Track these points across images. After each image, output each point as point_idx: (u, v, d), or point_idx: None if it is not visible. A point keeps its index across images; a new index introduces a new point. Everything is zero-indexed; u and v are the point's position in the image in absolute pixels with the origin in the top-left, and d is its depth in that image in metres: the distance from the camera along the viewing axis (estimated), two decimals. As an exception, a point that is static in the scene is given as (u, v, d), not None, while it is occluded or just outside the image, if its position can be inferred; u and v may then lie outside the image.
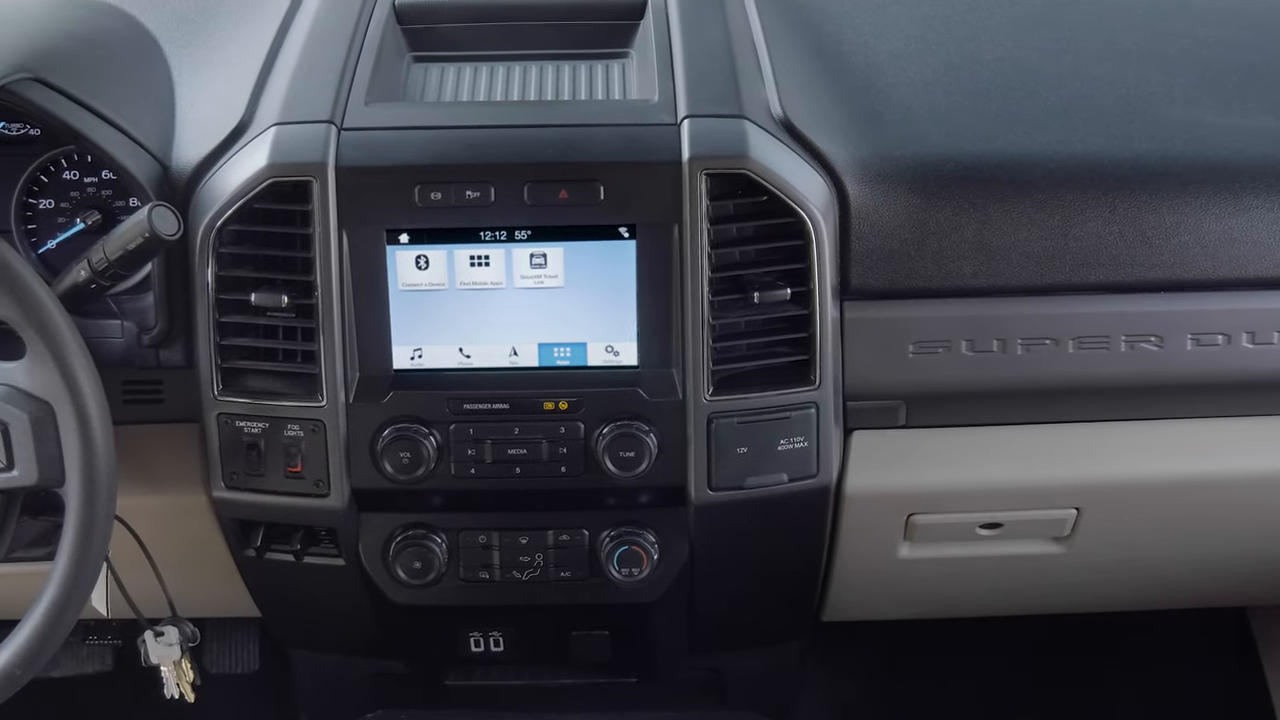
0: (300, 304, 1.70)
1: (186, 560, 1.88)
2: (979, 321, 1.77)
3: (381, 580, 1.85)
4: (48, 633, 1.55)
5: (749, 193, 1.70)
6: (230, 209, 1.68)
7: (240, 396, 1.73)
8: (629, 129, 1.73)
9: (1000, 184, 1.75)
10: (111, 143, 1.71)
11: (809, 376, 1.74)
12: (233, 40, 1.94)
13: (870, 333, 1.77)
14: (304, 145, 1.70)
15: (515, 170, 1.69)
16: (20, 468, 1.51)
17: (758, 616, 2.08)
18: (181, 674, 1.89)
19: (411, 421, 1.73)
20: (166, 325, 1.76)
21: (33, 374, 1.50)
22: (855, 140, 1.77)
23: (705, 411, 1.72)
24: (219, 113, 1.80)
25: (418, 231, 1.70)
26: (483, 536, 1.83)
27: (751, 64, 1.86)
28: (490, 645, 2.03)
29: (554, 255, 1.71)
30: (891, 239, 1.75)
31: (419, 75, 1.91)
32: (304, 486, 1.76)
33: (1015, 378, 1.79)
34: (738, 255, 1.72)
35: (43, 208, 1.85)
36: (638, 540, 1.80)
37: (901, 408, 1.82)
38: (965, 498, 1.87)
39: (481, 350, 1.75)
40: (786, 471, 1.76)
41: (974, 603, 2.17)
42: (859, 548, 1.92)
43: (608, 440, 1.72)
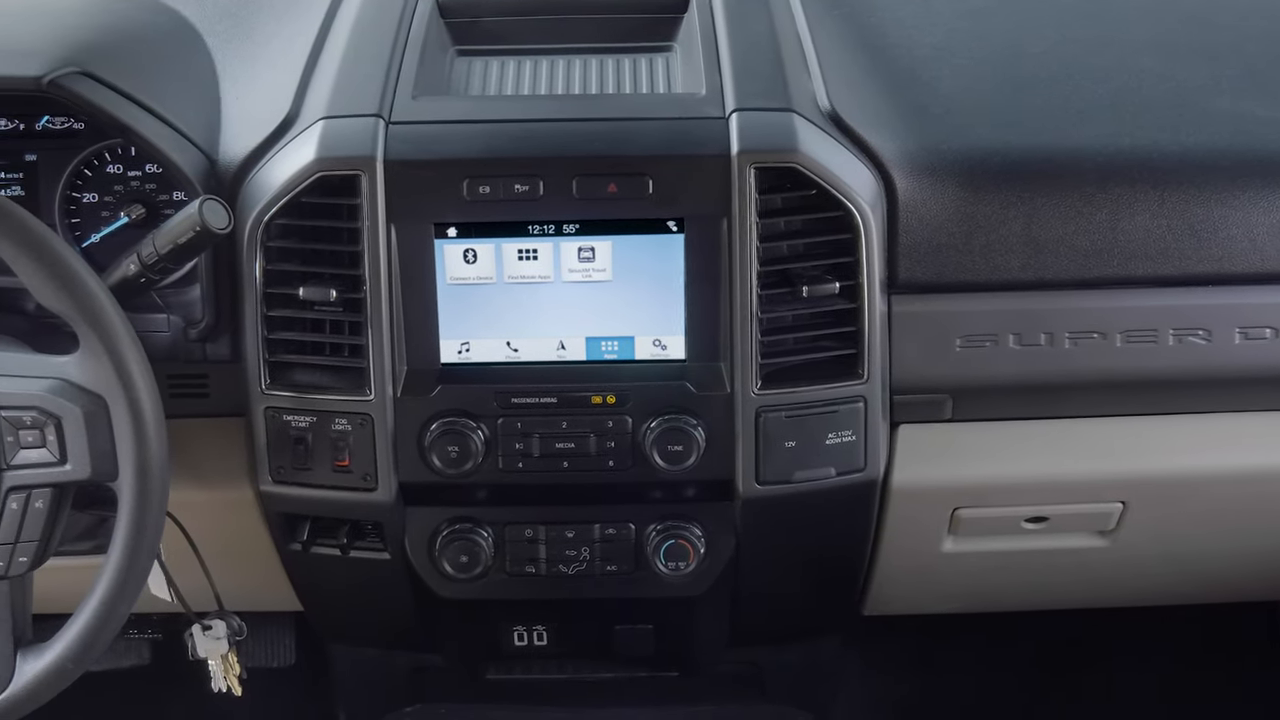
0: (348, 298, 1.70)
1: (229, 554, 1.88)
2: (1026, 315, 1.77)
3: (427, 574, 1.84)
4: (99, 627, 1.55)
5: (797, 186, 1.70)
6: (278, 203, 1.68)
7: (287, 390, 1.73)
8: (677, 122, 1.73)
9: (1048, 177, 1.75)
10: (159, 136, 1.71)
11: (857, 370, 1.74)
12: (276, 34, 1.94)
13: (917, 326, 1.77)
14: (352, 139, 1.70)
15: (564, 164, 1.68)
16: (73, 462, 1.51)
17: (800, 610, 2.08)
18: (229, 667, 1.89)
19: (459, 415, 1.73)
20: (214, 319, 1.76)
21: (85, 368, 1.50)
22: (902, 133, 1.77)
23: (753, 405, 1.72)
24: (265, 106, 1.80)
25: (465, 225, 1.70)
26: (529, 530, 1.82)
27: (797, 57, 1.86)
28: (533, 639, 2.03)
29: (602, 249, 1.71)
30: (939, 232, 1.75)
31: (463, 69, 1.91)
32: (351, 480, 1.76)
33: (1062, 371, 1.78)
34: (785, 249, 1.72)
35: (86, 202, 1.85)
36: (684, 534, 1.80)
37: (948, 401, 1.82)
38: (1011, 491, 1.87)
39: (529, 344, 1.74)
40: (834, 465, 1.76)
41: (1015, 597, 2.17)
42: (903, 542, 1.92)
43: (656, 434, 1.71)
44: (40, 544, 1.55)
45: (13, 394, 1.50)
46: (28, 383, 1.51)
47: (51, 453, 1.50)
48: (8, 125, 1.84)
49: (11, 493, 1.52)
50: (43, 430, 1.50)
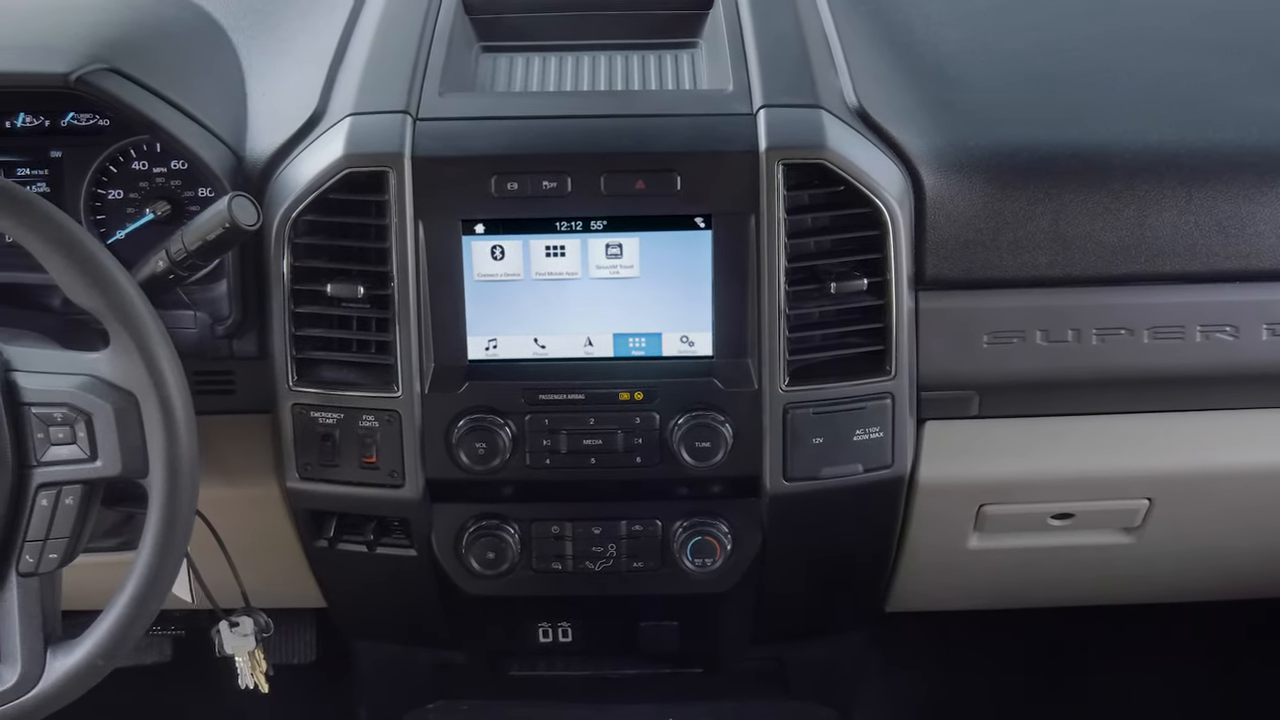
0: (376, 294, 1.70)
1: (252, 550, 1.88)
2: (1054, 311, 1.77)
3: (454, 571, 1.84)
4: (130, 624, 1.55)
5: (825, 183, 1.69)
6: (306, 199, 1.68)
7: (314, 387, 1.74)
8: (705, 119, 1.73)
9: (1075, 173, 1.75)
10: (186, 133, 1.71)
11: (884, 367, 1.73)
12: (301, 29, 1.94)
13: (945, 323, 1.77)
14: (380, 136, 1.70)
15: (592, 160, 1.68)
16: (103, 459, 1.50)
17: (824, 607, 2.08)
18: (255, 664, 1.89)
19: (486, 412, 1.72)
20: (240, 315, 1.76)
21: (116, 364, 1.49)
22: (929, 130, 1.77)
23: (781, 402, 1.72)
24: (292, 103, 1.80)
25: (493, 222, 1.70)
26: (555, 527, 1.82)
27: (824, 53, 1.86)
28: (558, 636, 2.03)
29: (629, 245, 1.71)
30: (967, 229, 1.75)
31: (488, 65, 1.91)
32: (378, 477, 1.76)
33: (1090, 368, 1.78)
34: (813, 245, 1.72)
35: (112, 198, 1.85)
36: (711, 530, 1.80)
37: (975, 398, 1.82)
38: (1038, 488, 1.87)
39: (556, 341, 1.74)
40: (861, 462, 1.76)
41: (1038, 594, 2.17)
42: (929, 538, 1.92)
43: (683, 430, 1.71)
44: (70, 541, 1.55)
45: (43, 391, 1.50)
46: (58, 379, 1.50)
47: (82, 449, 1.50)
48: (33, 122, 1.83)
49: (41, 490, 1.52)
50: (73, 427, 1.50)
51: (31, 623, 1.56)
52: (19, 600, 1.55)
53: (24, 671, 1.55)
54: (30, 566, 1.54)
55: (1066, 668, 2.62)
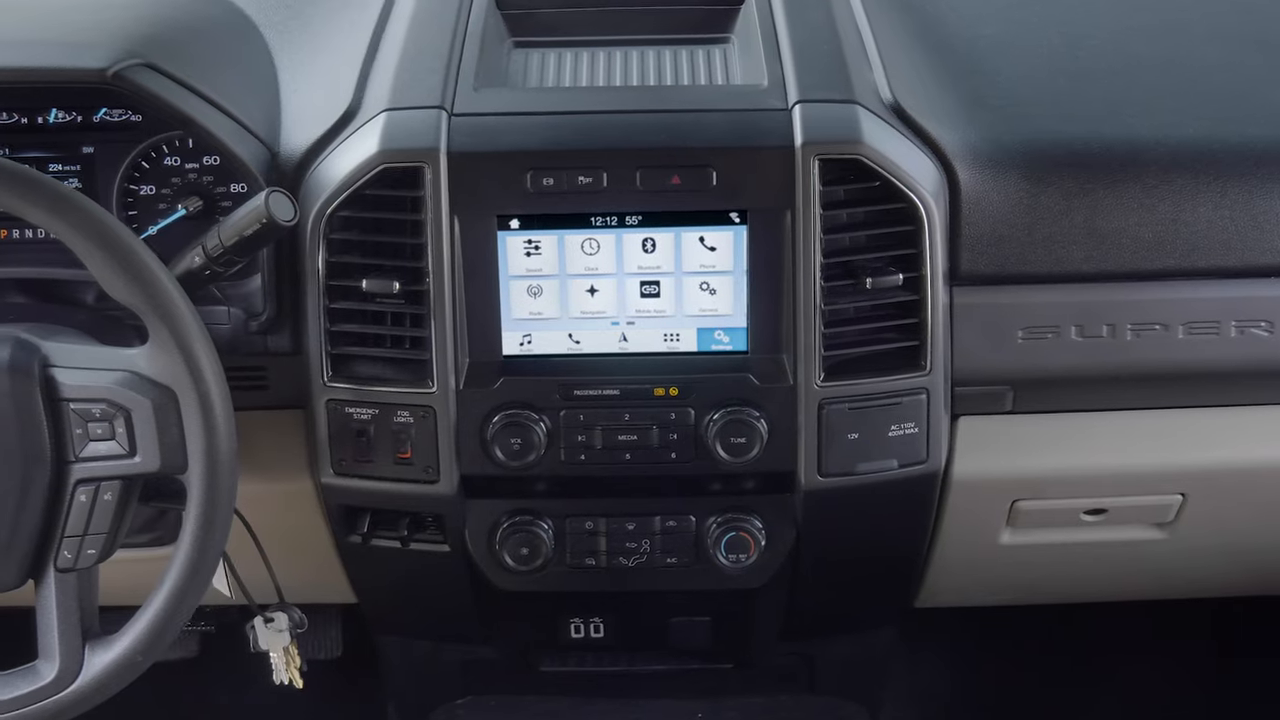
0: (411, 290, 1.70)
1: (283, 546, 1.88)
2: (1088, 307, 1.76)
3: (488, 567, 1.84)
4: (168, 620, 1.55)
5: (861, 178, 1.69)
6: (341, 195, 1.68)
7: (349, 383, 1.73)
8: (741, 114, 1.73)
9: (1110, 169, 1.74)
10: (221, 128, 1.71)
11: (919, 362, 1.73)
12: (333, 25, 1.94)
13: (979, 318, 1.76)
14: (415, 131, 1.70)
15: (628, 155, 1.68)
16: (142, 454, 1.50)
17: (854, 602, 2.08)
18: (290, 659, 1.89)
19: (521, 408, 1.72)
20: (275, 311, 1.76)
21: (155, 360, 1.49)
22: (964, 125, 1.77)
23: (816, 397, 1.72)
24: (325, 98, 1.80)
25: (529, 217, 1.70)
26: (589, 523, 1.82)
27: (858, 48, 1.86)
28: (590, 631, 2.03)
29: (664, 240, 1.71)
30: (1001, 224, 1.74)
31: (520, 60, 1.91)
32: (413, 473, 1.76)
33: (1124, 363, 1.78)
34: (847, 241, 1.72)
35: (144, 194, 1.84)
36: (745, 526, 1.80)
37: (1009, 393, 1.81)
38: (1071, 483, 1.87)
39: (591, 336, 1.74)
40: (896, 457, 1.76)
41: (1068, 589, 2.17)
42: (961, 534, 1.92)
43: (718, 426, 1.71)
44: (108, 537, 1.55)
45: (82, 387, 1.50)
46: (97, 375, 1.50)
47: (120, 445, 1.50)
48: (66, 117, 1.83)
49: (80, 485, 1.52)
50: (112, 423, 1.50)
51: (69, 618, 1.56)
52: (57, 596, 1.55)
53: (62, 667, 1.55)
54: (68, 562, 1.54)
55: (1091, 662, 2.62)
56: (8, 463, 1.49)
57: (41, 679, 1.56)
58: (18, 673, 1.57)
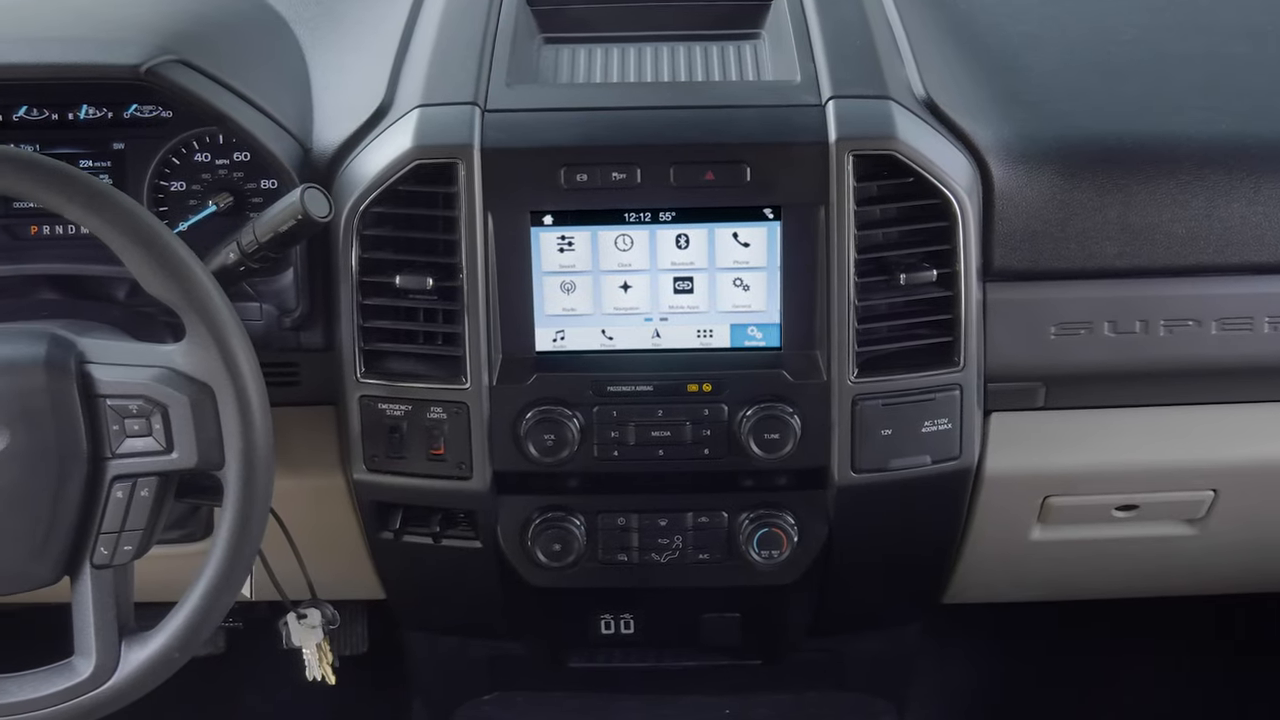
0: (444, 286, 1.70)
1: (313, 542, 1.88)
2: (1122, 303, 1.76)
3: (519, 563, 1.84)
4: (205, 616, 1.55)
5: (895, 174, 1.69)
6: (375, 191, 1.68)
7: (382, 379, 1.73)
8: (774, 110, 1.72)
9: (1143, 164, 1.74)
10: (255, 124, 1.70)
11: (953, 358, 1.73)
12: (363, 21, 1.94)
13: (1012, 314, 1.76)
14: (449, 127, 1.70)
15: (662, 151, 1.68)
16: (179, 450, 1.50)
17: (884, 599, 2.08)
18: (323, 656, 1.89)
19: (554, 404, 1.72)
20: (308, 307, 1.76)
21: (192, 356, 1.49)
22: (997, 121, 1.77)
23: (850, 394, 1.72)
24: (357, 94, 1.80)
25: (562, 213, 1.70)
26: (621, 519, 1.82)
27: (890, 44, 1.85)
28: (620, 628, 2.03)
29: (698, 236, 1.71)
30: (1034, 220, 1.74)
31: (550, 56, 1.91)
32: (446, 469, 1.75)
33: (1157, 359, 1.78)
34: (881, 237, 1.72)
35: (174, 190, 1.84)
36: (777, 522, 1.80)
37: (1041, 389, 1.81)
38: (1103, 480, 1.87)
39: (624, 332, 1.74)
40: (930, 453, 1.76)
41: (1097, 585, 2.16)
42: (992, 530, 1.91)
43: (752, 422, 1.71)
44: (145, 533, 1.54)
45: (119, 383, 1.50)
46: (133, 371, 1.50)
47: (157, 441, 1.50)
48: (96, 113, 1.83)
49: (116, 481, 1.52)
50: (149, 419, 1.49)
51: (106, 615, 1.55)
52: (93, 592, 1.55)
53: (99, 663, 1.55)
54: (105, 558, 1.54)
55: (1116, 657, 2.61)
56: (44, 459, 1.49)
57: (78, 675, 1.55)
58: (54, 669, 1.57)
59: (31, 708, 1.55)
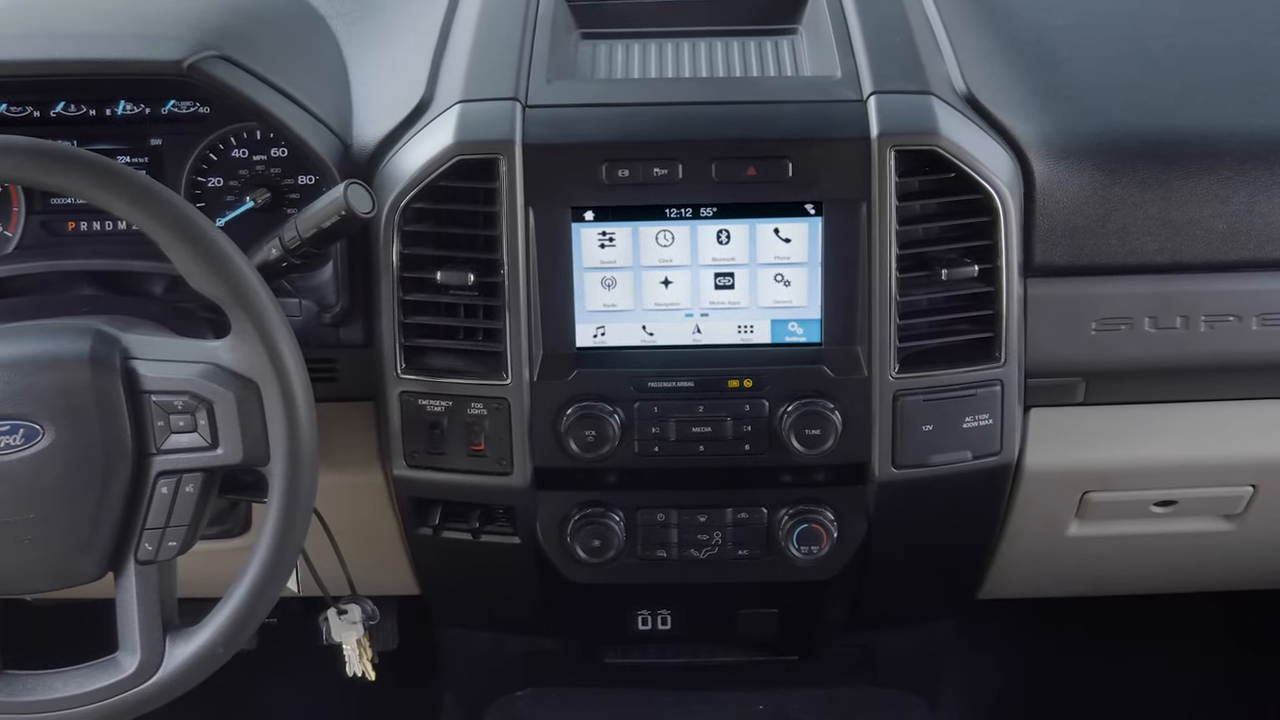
0: (485, 282, 1.70)
1: (350, 538, 1.88)
2: (1162, 298, 1.76)
3: (558, 559, 1.84)
4: (249, 612, 1.55)
5: (936, 169, 1.69)
6: (416, 187, 1.68)
7: (423, 375, 1.73)
8: (816, 105, 1.72)
9: (1184, 159, 1.74)
10: (295, 120, 1.70)
11: (994, 354, 1.73)
12: (401, 16, 1.94)
13: (1053, 309, 1.76)
14: (490, 123, 1.70)
15: (703, 147, 1.68)
16: (225, 446, 1.50)
17: (920, 594, 2.08)
18: (363, 651, 1.89)
19: (595, 400, 1.72)
20: (348, 303, 1.75)
21: (238, 352, 1.49)
22: (1037, 116, 1.76)
23: (891, 389, 1.72)
24: (397, 90, 1.80)
25: (603, 209, 1.70)
26: (660, 515, 1.82)
27: (929, 39, 1.85)
28: (657, 623, 2.03)
29: (739, 232, 1.71)
30: (1075, 215, 1.74)
31: (588, 52, 1.91)
32: (486, 465, 1.75)
33: (1198, 354, 1.78)
34: (921, 232, 1.72)
35: (211, 186, 1.84)
36: (817, 518, 1.79)
37: (1081, 384, 1.81)
38: (1142, 475, 1.86)
39: (665, 328, 1.74)
40: (970, 449, 1.76)
41: (1133, 581, 2.16)
42: (1029, 526, 1.91)
43: (793, 418, 1.71)
44: (189, 529, 1.54)
45: (163, 379, 1.50)
46: (178, 367, 1.50)
47: (202, 437, 1.50)
48: (134, 109, 1.83)
49: (161, 477, 1.52)
50: (194, 415, 1.49)
51: (150, 610, 1.55)
52: (137, 588, 1.55)
53: (143, 659, 1.55)
54: (149, 554, 1.54)
55: (1150, 653, 2.61)
56: (89, 456, 1.49)
57: (123, 671, 1.55)
58: (99, 665, 1.57)
59: (76, 703, 1.55)
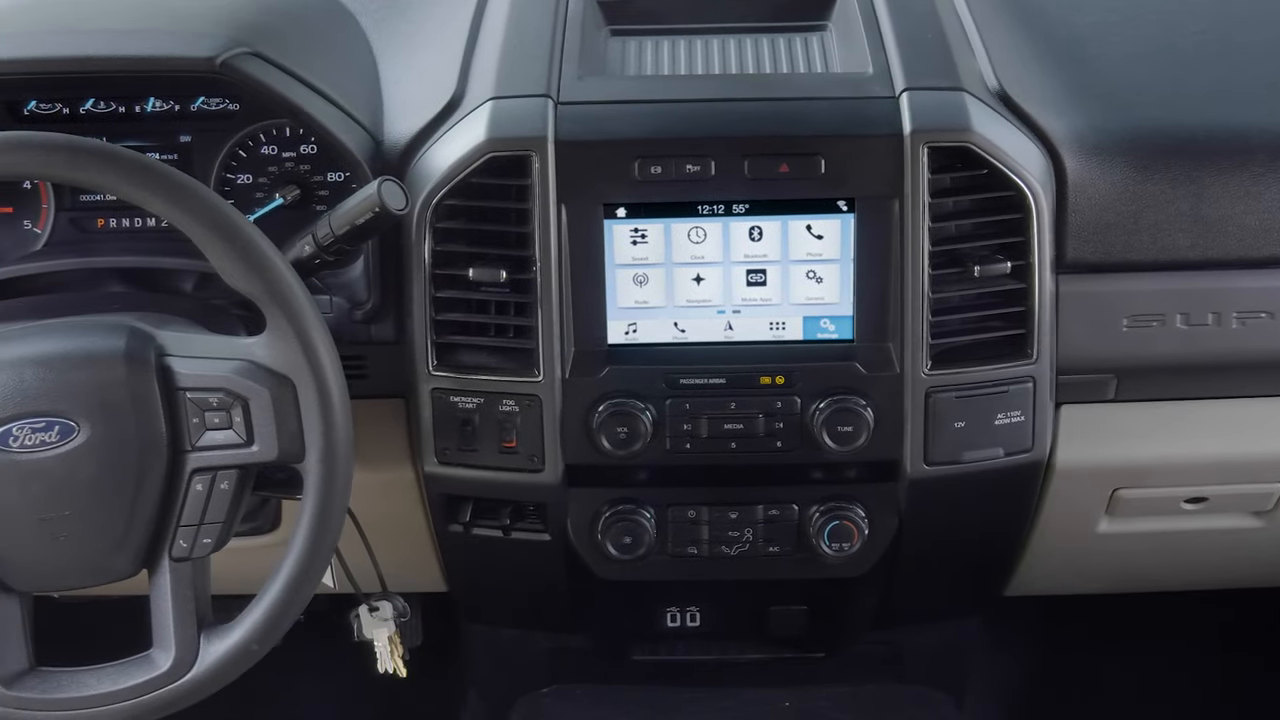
0: (517, 279, 1.70)
1: (379, 535, 1.88)
2: (1194, 295, 1.76)
3: (589, 555, 1.84)
4: (284, 608, 1.54)
5: (969, 166, 1.69)
6: (449, 184, 1.68)
7: (454, 371, 1.73)
8: (848, 102, 1.72)
9: (1216, 156, 1.74)
10: (327, 117, 1.70)
11: (1026, 350, 1.73)
12: (430, 13, 1.94)
13: (1084, 306, 1.76)
14: (523, 119, 1.70)
15: (736, 143, 1.68)
16: (260, 443, 1.50)
17: (948, 591, 2.08)
18: (394, 648, 1.89)
19: (627, 397, 1.72)
20: (379, 300, 1.75)
21: (273, 349, 1.49)
22: (1070, 112, 1.76)
23: (923, 386, 1.71)
24: (427, 87, 1.80)
25: (635, 205, 1.70)
26: (692, 511, 1.82)
27: (960, 35, 1.85)
28: (686, 620, 2.03)
29: (771, 229, 1.70)
30: (1107, 212, 1.74)
31: (618, 49, 1.90)
32: (518, 462, 1.75)
33: (1229, 351, 1.77)
34: (954, 229, 1.71)
35: (241, 183, 1.84)
36: (848, 515, 1.79)
37: (1112, 381, 1.81)
38: (1173, 472, 1.86)
39: (697, 325, 1.74)
40: (1003, 446, 1.76)
41: (1162, 578, 2.16)
42: (1059, 523, 1.91)
43: (825, 415, 1.71)
44: (224, 526, 1.54)
45: (199, 375, 1.49)
46: (213, 364, 1.50)
47: (238, 434, 1.50)
48: (163, 106, 1.83)
49: (196, 474, 1.51)
50: (229, 412, 1.49)
51: (184, 607, 1.55)
52: (171, 585, 1.54)
53: (178, 656, 1.55)
54: (184, 551, 1.53)
55: (1172, 649, 2.60)
56: (124, 452, 1.49)
57: (157, 668, 1.55)
58: (132, 662, 1.57)
59: (111, 700, 1.55)
